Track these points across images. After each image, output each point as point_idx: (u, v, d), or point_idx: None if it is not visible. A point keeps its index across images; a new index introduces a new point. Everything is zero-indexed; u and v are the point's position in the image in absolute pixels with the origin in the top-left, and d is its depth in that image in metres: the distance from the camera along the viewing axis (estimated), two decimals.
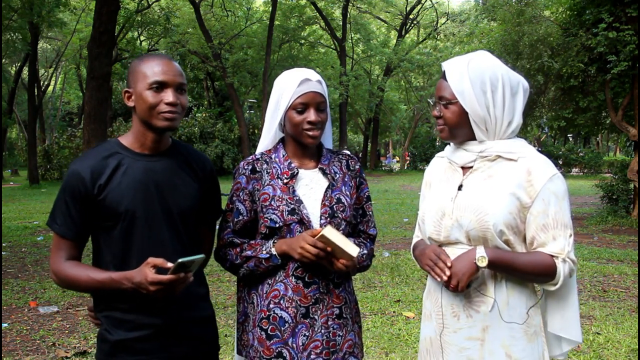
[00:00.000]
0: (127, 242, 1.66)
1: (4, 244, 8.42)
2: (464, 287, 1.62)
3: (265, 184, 1.84)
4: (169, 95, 1.64)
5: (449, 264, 1.64)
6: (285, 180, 1.83)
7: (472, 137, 1.73)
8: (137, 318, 1.68)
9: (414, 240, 1.96)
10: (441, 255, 1.67)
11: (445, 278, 1.64)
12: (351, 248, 1.69)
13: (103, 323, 1.72)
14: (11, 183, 26.39)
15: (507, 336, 1.68)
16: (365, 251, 1.93)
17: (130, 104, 1.70)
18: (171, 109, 1.64)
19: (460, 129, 1.72)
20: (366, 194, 1.98)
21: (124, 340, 1.68)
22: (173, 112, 1.65)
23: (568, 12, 11.54)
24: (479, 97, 1.66)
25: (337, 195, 1.86)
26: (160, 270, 1.51)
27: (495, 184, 1.68)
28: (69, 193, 1.66)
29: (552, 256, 1.64)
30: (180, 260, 1.45)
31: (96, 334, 1.84)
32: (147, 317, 1.68)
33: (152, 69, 1.65)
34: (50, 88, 37.84)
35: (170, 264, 1.49)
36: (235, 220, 1.86)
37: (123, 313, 1.68)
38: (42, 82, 30.95)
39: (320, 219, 1.82)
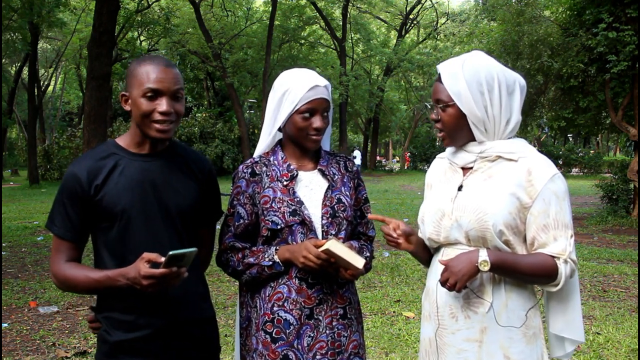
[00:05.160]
0: (124, 241, 1.66)
1: (4, 244, 8.42)
2: (461, 287, 1.60)
3: (266, 186, 1.83)
4: (163, 104, 1.62)
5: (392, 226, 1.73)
6: (285, 183, 1.82)
7: (472, 139, 1.72)
8: (136, 318, 1.67)
9: None
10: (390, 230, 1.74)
11: (394, 235, 1.72)
12: (357, 260, 1.68)
13: (103, 324, 1.72)
14: (11, 183, 26.39)
15: (506, 338, 1.67)
16: (368, 254, 1.93)
17: (127, 107, 1.69)
18: (165, 118, 1.63)
19: (460, 132, 1.71)
20: (364, 195, 1.98)
21: (123, 341, 1.67)
22: (166, 121, 1.63)
23: (568, 12, 11.54)
24: (475, 98, 1.65)
25: (338, 196, 1.85)
26: (154, 265, 1.50)
27: (495, 184, 1.67)
28: (66, 195, 1.66)
29: (553, 257, 1.63)
30: (171, 253, 1.44)
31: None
32: (146, 317, 1.67)
33: (148, 76, 1.62)
34: (50, 88, 37.85)
35: (163, 258, 1.48)
36: (237, 224, 1.85)
37: (122, 314, 1.68)
38: (42, 82, 30.94)
39: (322, 219, 1.81)
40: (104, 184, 1.65)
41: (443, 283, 1.63)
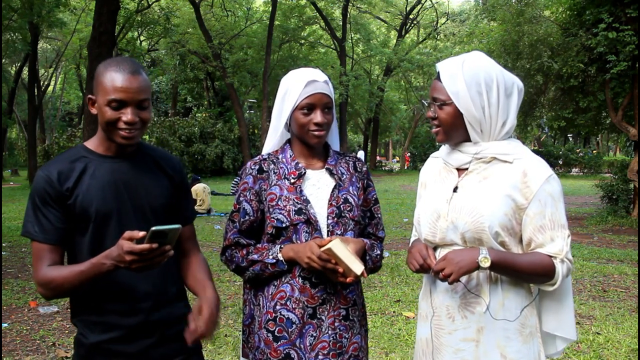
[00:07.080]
0: (100, 242, 1.63)
1: (4, 244, 8.42)
2: (455, 279, 1.59)
3: (272, 184, 1.83)
4: (127, 114, 1.60)
5: (432, 266, 1.64)
6: (292, 181, 1.82)
7: (467, 139, 1.73)
8: (110, 319, 1.66)
9: (412, 240, 1.95)
10: (427, 260, 1.67)
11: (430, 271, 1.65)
12: (356, 266, 1.67)
13: (78, 327, 1.70)
14: (11, 183, 26.38)
15: (502, 337, 1.67)
16: (378, 251, 1.92)
17: (94, 111, 1.66)
18: (129, 127, 1.62)
19: (455, 131, 1.71)
20: (374, 196, 1.98)
21: (100, 342, 1.66)
22: (131, 130, 1.62)
23: (568, 12, 11.54)
24: (474, 98, 1.66)
25: (344, 195, 1.85)
26: (139, 242, 1.46)
27: (491, 185, 1.67)
28: (39, 198, 1.63)
29: (551, 257, 1.64)
30: (153, 228, 1.41)
31: None
32: (119, 317, 1.66)
33: (113, 84, 1.58)
34: (50, 88, 37.84)
35: (143, 233, 1.43)
36: (242, 220, 1.85)
37: (96, 315, 1.67)
38: (42, 82, 30.93)
39: (328, 218, 1.81)
40: (75, 187, 1.64)
41: (437, 272, 1.62)
